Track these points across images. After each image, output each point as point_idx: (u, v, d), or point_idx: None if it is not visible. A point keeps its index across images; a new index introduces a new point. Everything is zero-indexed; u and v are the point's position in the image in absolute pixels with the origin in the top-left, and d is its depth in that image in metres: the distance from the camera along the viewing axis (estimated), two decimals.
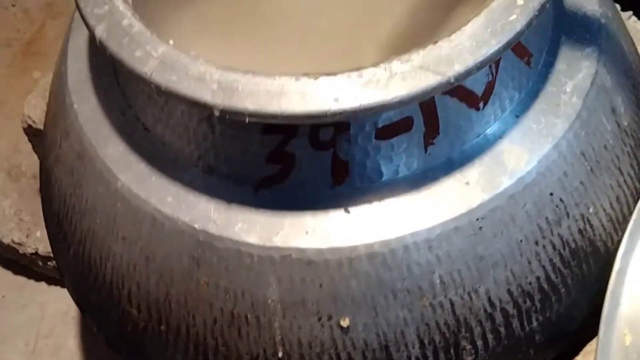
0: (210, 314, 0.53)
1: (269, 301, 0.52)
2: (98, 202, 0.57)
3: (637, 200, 0.58)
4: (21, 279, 1.02)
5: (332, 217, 0.51)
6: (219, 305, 0.53)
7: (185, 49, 0.48)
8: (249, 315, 0.52)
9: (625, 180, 0.57)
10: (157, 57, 0.48)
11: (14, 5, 1.29)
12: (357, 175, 0.51)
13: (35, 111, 0.82)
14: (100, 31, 0.49)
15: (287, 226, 0.51)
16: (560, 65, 0.55)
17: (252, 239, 0.51)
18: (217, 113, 0.46)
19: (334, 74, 0.46)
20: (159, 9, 0.59)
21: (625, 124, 0.57)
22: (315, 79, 0.46)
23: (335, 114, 0.45)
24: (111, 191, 0.56)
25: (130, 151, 0.56)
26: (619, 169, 0.57)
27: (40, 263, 0.97)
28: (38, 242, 0.93)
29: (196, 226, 0.52)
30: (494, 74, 0.51)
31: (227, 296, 0.53)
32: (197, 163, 0.53)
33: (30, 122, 0.83)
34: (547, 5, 0.47)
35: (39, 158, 0.82)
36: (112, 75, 0.58)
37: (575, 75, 0.54)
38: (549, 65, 0.55)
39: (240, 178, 0.52)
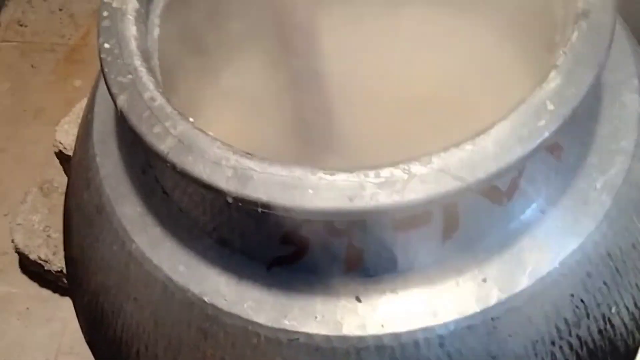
0: None
1: None
2: (112, 260, 0.57)
3: None
4: (46, 293, 1.04)
5: (342, 304, 0.50)
6: None
7: (204, 129, 0.48)
8: None
9: None
10: (175, 136, 0.47)
11: (60, 10, 1.31)
12: (371, 264, 0.50)
13: (67, 137, 0.83)
14: (122, 101, 0.49)
15: (296, 309, 0.50)
16: (592, 158, 0.53)
17: (261, 318, 0.51)
18: (229, 200, 0.46)
19: (351, 170, 0.45)
20: (185, 79, 0.58)
21: None
22: (332, 175, 0.45)
23: (348, 214, 0.44)
24: (125, 252, 0.56)
25: (147, 213, 0.56)
26: None
27: (66, 281, 0.98)
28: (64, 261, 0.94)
29: (206, 299, 0.52)
30: (520, 169, 0.50)
31: None
32: (211, 234, 0.53)
33: (61, 148, 0.84)
34: (579, 109, 0.46)
35: None
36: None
37: (607, 170, 0.53)
38: (580, 158, 0.53)
39: (254, 254, 0.52)
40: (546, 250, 0.51)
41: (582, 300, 0.51)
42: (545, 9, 0.53)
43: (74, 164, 0.66)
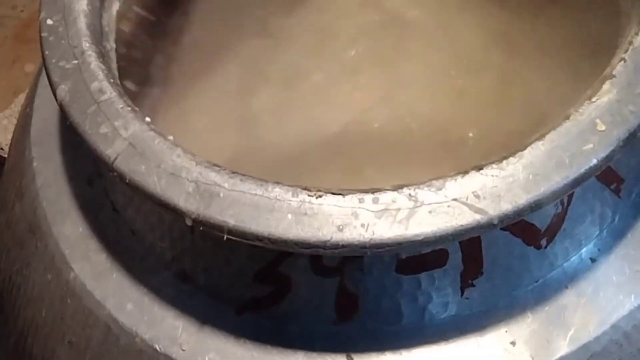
0: None
1: None
2: (45, 291, 0.59)
3: None
4: None
5: None
6: None
7: (163, 131, 0.50)
8: None
9: None
10: (125, 138, 0.49)
11: None
12: (368, 314, 0.51)
13: (6, 136, 0.85)
14: (62, 92, 0.52)
15: None
16: None
17: None
18: (188, 222, 0.47)
19: (342, 193, 0.46)
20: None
21: None
22: (318, 197, 0.46)
23: (336, 246, 0.46)
24: (62, 282, 0.58)
25: (91, 235, 0.58)
26: None
27: None
28: None
29: (158, 347, 0.54)
30: (565, 203, 0.51)
31: None
32: (169, 266, 0.55)
33: None
34: (639, 133, 0.47)
35: None
36: None
37: None
38: None
39: (221, 294, 0.53)
40: (595, 310, 0.52)
41: None
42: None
43: (7, 169, 0.68)
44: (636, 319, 0.52)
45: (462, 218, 0.46)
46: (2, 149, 0.87)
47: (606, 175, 0.52)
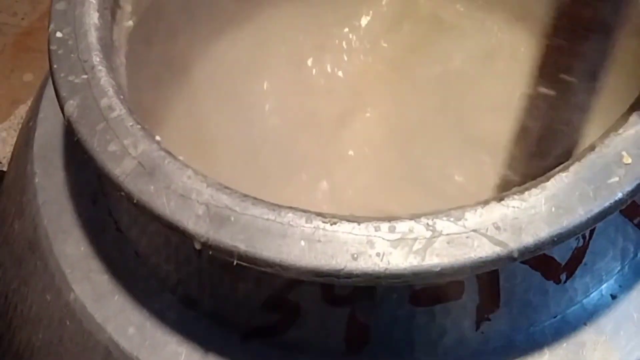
0: None
1: None
2: (44, 312, 0.59)
3: None
4: None
5: None
6: None
7: (173, 150, 0.50)
8: None
9: None
10: (135, 157, 0.50)
11: None
12: (379, 346, 0.52)
13: (4, 149, 0.85)
14: (71, 107, 0.52)
15: None
16: None
17: None
18: (198, 246, 0.48)
19: (358, 220, 0.47)
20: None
21: None
22: (333, 224, 0.47)
23: (350, 276, 0.46)
24: (61, 303, 0.58)
25: (94, 255, 0.58)
26: None
27: None
28: None
29: None
30: (587, 237, 0.51)
31: None
32: (174, 289, 0.55)
33: None
34: None
35: None
36: None
37: None
38: None
39: (226, 321, 0.54)
40: (614, 348, 0.52)
41: None
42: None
43: (7, 183, 0.68)
44: None
45: (481, 250, 0.46)
46: (0, 162, 0.87)
47: (630, 209, 0.52)
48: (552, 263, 0.51)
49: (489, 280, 0.50)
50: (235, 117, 0.74)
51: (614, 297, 0.53)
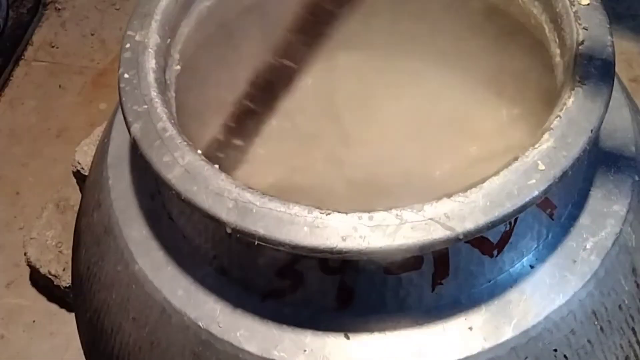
0: None
1: None
2: (116, 279, 0.59)
3: None
4: (53, 307, 1.06)
5: (331, 340, 0.52)
6: None
7: (210, 161, 0.50)
8: None
9: (637, 340, 0.56)
10: (182, 166, 0.50)
11: (92, 34, 1.35)
12: (361, 303, 0.52)
13: (85, 158, 0.85)
14: (135, 129, 0.52)
15: (287, 341, 0.52)
16: (585, 220, 0.55)
17: (252, 347, 0.52)
18: (229, 230, 0.48)
19: (346, 212, 0.47)
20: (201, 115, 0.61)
21: None
22: (327, 214, 0.47)
23: (340, 252, 0.46)
24: (128, 272, 0.58)
25: (152, 237, 0.58)
26: (632, 329, 0.56)
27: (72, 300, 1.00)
28: None
29: (201, 324, 0.54)
30: (512, 223, 0.51)
31: None
32: (211, 262, 0.55)
33: (79, 168, 0.86)
34: (570, 172, 0.47)
35: None
36: None
37: (598, 232, 0.54)
38: (573, 218, 0.54)
39: (250, 285, 0.54)
40: (532, 305, 0.52)
41: (565, 356, 0.53)
42: (546, 75, 0.56)
43: (88, 184, 0.68)
44: (563, 312, 0.53)
45: (436, 233, 0.46)
46: (83, 168, 0.87)
47: (543, 203, 0.52)
48: (487, 242, 0.51)
49: (441, 255, 0.50)
50: None
51: (532, 267, 0.53)
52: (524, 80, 0.61)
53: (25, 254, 1.02)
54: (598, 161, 0.57)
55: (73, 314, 1.03)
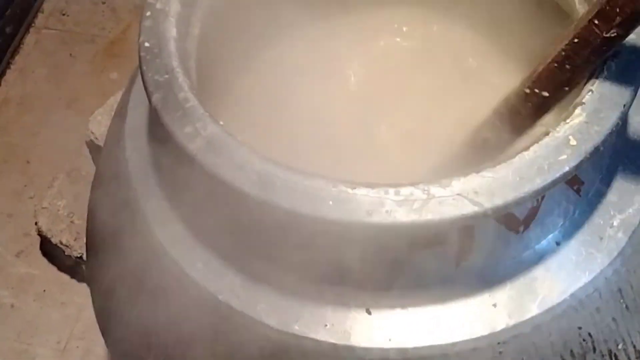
0: None
1: None
2: (133, 250, 0.58)
3: None
4: (64, 277, 1.06)
5: (353, 315, 0.51)
6: None
7: (233, 132, 0.49)
8: None
9: None
10: (204, 137, 0.49)
11: (103, 3, 1.33)
12: (383, 278, 0.51)
13: (99, 128, 0.84)
14: (156, 100, 0.51)
15: (307, 315, 0.51)
16: (612, 196, 0.54)
17: (272, 321, 0.52)
18: (252, 203, 0.47)
19: (372, 186, 0.46)
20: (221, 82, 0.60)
21: None
22: (352, 188, 0.46)
23: (365, 228, 0.45)
24: (146, 244, 0.57)
25: (171, 209, 0.57)
26: None
27: (84, 267, 1.00)
28: (85, 247, 0.96)
29: (220, 297, 0.53)
30: (539, 199, 0.51)
31: None
32: (231, 235, 0.54)
33: (92, 138, 0.86)
34: (601, 148, 0.47)
35: None
36: None
37: (625, 209, 0.53)
38: (600, 195, 0.54)
39: (271, 257, 0.53)
40: (558, 282, 0.51)
41: (589, 334, 0.52)
42: None
43: (104, 155, 0.67)
44: (588, 290, 0.52)
45: (463, 209, 0.45)
46: (97, 138, 0.86)
47: (572, 179, 0.51)
48: (514, 218, 0.50)
49: (466, 230, 0.49)
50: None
51: (558, 244, 0.52)
52: None
53: (36, 223, 1.01)
54: (626, 136, 0.56)
55: (84, 284, 1.03)
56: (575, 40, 0.47)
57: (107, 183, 0.63)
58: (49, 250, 1.03)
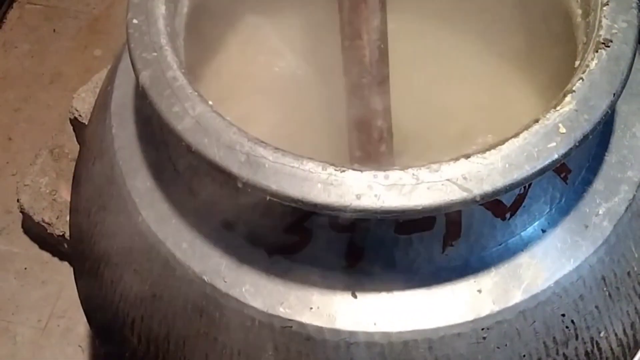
0: None
1: None
2: (118, 229, 0.58)
3: None
4: (46, 255, 1.05)
5: (338, 299, 0.51)
6: (214, 357, 0.54)
7: (221, 112, 0.49)
8: None
9: None
10: (193, 117, 0.48)
11: None
12: (370, 263, 0.51)
13: (83, 106, 0.83)
14: (144, 77, 0.50)
15: (293, 298, 0.51)
16: (598, 185, 0.54)
17: (257, 303, 0.52)
18: (240, 185, 0.47)
19: (361, 169, 0.46)
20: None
21: None
22: (342, 171, 0.46)
23: (354, 210, 0.45)
24: (131, 223, 0.57)
25: (157, 188, 0.57)
26: (639, 297, 0.56)
27: (66, 246, 0.99)
28: (67, 226, 0.95)
29: (205, 278, 0.53)
30: (527, 187, 0.51)
31: (224, 351, 0.53)
32: (218, 216, 0.54)
33: (76, 115, 0.85)
34: (590, 136, 0.47)
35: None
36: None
37: (611, 198, 0.54)
38: (587, 183, 0.54)
39: (257, 240, 0.53)
40: (543, 269, 0.52)
41: (572, 322, 0.53)
42: (569, 36, 0.54)
43: (89, 132, 0.67)
44: (573, 278, 0.52)
45: (452, 194, 0.45)
46: (80, 115, 0.85)
47: (559, 167, 0.51)
48: (500, 205, 0.50)
49: (453, 216, 0.50)
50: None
51: (544, 231, 0.52)
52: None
53: (18, 200, 1.00)
54: (613, 126, 0.56)
55: (65, 263, 1.02)
56: None
57: (92, 161, 0.63)
58: (31, 227, 1.02)
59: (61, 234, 0.97)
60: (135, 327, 0.58)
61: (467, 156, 0.46)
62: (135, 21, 0.53)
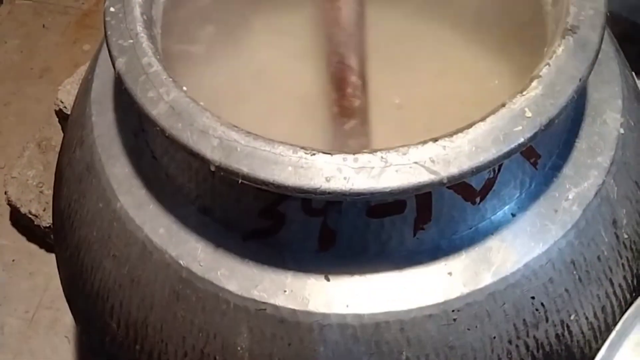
0: (182, 347, 0.55)
1: (239, 348, 0.53)
2: (97, 216, 0.59)
3: (624, 311, 0.57)
4: (33, 247, 1.05)
5: (311, 281, 0.52)
6: (191, 340, 0.54)
7: (195, 98, 0.49)
8: (217, 357, 0.54)
9: (614, 292, 0.57)
10: (167, 102, 0.49)
11: None
12: (342, 246, 0.52)
13: (69, 97, 0.84)
14: (120, 64, 0.51)
15: (266, 281, 0.52)
16: (568, 170, 0.55)
17: (232, 286, 0.52)
18: (212, 168, 0.47)
19: (331, 152, 0.46)
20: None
21: (626, 236, 0.57)
22: (312, 154, 0.46)
23: (324, 193, 0.46)
24: (110, 210, 0.57)
25: (135, 175, 0.57)
26: (610, 280, 0.56)
27: (53, 237, 0.99)
28: None
29: (182, 262, 0.54)
30: (496, 171, 0.51)
31: (200, 334, 0.54)
32: (194, 201, 0.55)
33: (62, 107, 0.85)
34: (556, 120, 0.47)
35: None
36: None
37: (581, 183, 0.54)
38: (556, 168, 0.54)
39: (232, 225, 0.53)
40: (512, 252, 0.52)
41: (542, 304, 0.53)
42: (537, 24, 0.55)
43: (70, 121, 0.67)
44: (542, 261, 0.53)
45: (420, 177, 0.46)
46: (65, 107, 0.86)
47: (528, 151, 0.52)
48: (470, 189, 0.51)
49: (424, 200, 0.50)
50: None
51: (513, 215, 0.53)
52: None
53: (5, 192, 1.01)
54: (584, 113, 0.57)
55: (53, 255, 1.02)
56: None
57: (72, 149, 0.63)
58: (18, 220, 1.03)
59: (48, 225, 0.97)
60: (114, 312, 0.58)
61: (435, 139, 0.46)
62: (112, 9, 0.54)
